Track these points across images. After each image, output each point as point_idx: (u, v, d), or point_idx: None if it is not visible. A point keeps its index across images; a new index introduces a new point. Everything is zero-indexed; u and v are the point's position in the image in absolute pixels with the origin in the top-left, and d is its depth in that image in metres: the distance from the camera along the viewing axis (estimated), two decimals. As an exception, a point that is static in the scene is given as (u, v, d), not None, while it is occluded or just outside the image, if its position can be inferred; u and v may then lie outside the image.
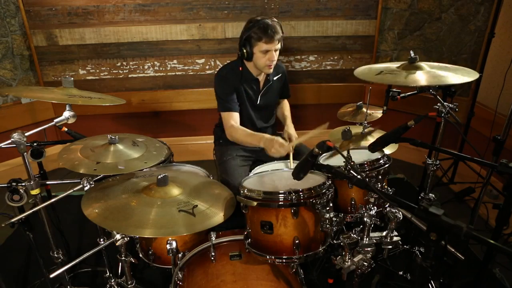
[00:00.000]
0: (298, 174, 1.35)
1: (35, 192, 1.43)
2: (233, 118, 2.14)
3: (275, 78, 2.29)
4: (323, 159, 1.93)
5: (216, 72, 2.22)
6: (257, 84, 2.22)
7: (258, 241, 1.46)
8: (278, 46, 2.04)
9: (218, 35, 3.24)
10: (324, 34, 3.34)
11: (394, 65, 1.86)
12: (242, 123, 2.22)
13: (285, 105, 2.52)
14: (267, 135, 1.99)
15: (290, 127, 2.31)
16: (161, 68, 3.33)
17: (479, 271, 1.70)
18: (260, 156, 2.35)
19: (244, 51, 2.03)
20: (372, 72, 1.82)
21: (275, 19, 2.03)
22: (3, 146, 1.37)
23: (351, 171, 1.21)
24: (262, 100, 2.26)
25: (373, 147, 1.65)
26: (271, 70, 2.12)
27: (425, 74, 1.66)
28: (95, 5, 3.04)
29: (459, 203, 2.84)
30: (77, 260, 1.30)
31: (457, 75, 1.63)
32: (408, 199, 1.02)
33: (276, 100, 2.39)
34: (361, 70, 1.87)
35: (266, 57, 2.03)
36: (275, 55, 2.05)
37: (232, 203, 1.49)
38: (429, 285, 1.78)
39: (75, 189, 1.38)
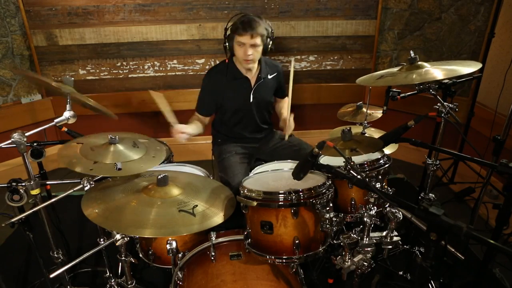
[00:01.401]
0: (298, 174, 1.35)
1: (35, 192, 1.43)
2: (198, 115, 2.31)
3: (269, 77, 2.29)
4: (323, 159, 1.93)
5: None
6: (247, 82, 2.22)
7: (258, 241, 1.46)
8: (256, 41, 2.00)
9: (218, 35, 3.24)
10: (324, 34, 3.34)
11: (394, 69, 1.86)
12: (238, 121, 2.27)
13: (285, 102, 2.52)
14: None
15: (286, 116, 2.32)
16: (161, 68, 3.33)
17: (479, 271, 1.70)
18: (259, 154, 2.36)
19: (227, 46, 2.09)
20: (373, 78, 1.82)
21: (260, 17, 2.06)
22: (3, 146, 1.36)
23: (351, 171, 1.21)
24: (255, 99, 2.25)
25: (373, 147, 1.65)
26: (249, 65, 2.13)
27: (440, 70, 1.63)
28: (95, 5, 3.04)
29: (459, 203, 2.84)
30: (77, 260, 1.30)
31: (465, 67, 1.62)
32: (408, 199, 1.02)
33: (270, 99, 2.38)
34: (363, 78, 1.87)
35: (242, 51, 2.04)
36: (250, 51, 2.02)
37: (232, 203, 1.49)
38: (429, 285, 1.78)
39: (75, 189, 1.38)
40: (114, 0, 3.04)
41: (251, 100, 2.24)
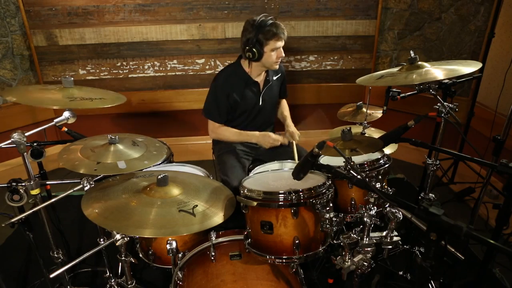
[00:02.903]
0: (298, 174, 1.35)
1: (35, 192, 1.43)
2: (218, 125, 2.25)
3: (274, 78, 2.31)
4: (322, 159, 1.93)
5: (214, 76, 2.25)
6: (256, 86, 2.24)
7: (258, 241, 1.46)
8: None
9: (218, 35, 3.24)
10: (324, 34, 3.34)
11: (394, 69, 1.85)
12: (243, 125, 2.28)
13: (284, 105, 2.54)
14: (257, 133, 2.20)
15: (290, 126, 2.34)
16: (161, 68, 3.33)
17: (479, 271, 1.70)
18: (259, 155, 2.36)
19: (255, 51, 2.05)
20: (373, 78, 1.82)
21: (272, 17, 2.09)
22: (3, 146, 1.36)
23: (351, 171, 1.21)
24: (264, 102, 2.27)
25: (373, 147, 1.65)
26: (278, 66, 2.18)
27: (440, 70, 1.62)
28: (95, 5, 3.04)
29: (459, 203, 2.84)
30: (77, 260, 1.30)
31: (465, 67, 1.61)
32: (408, 199, 1.02)
33: (276, 100, 2.41)
34: (363, 78, 1.87)
35: (276, 55, 2.10)
36: (282, 52, 2.13)
37: (232, 203, 1.49)
38: (429, 285, 1.78)
39: (75, 189, 1.38)
40: (114, 0, 3.04)
41: (260, 103, 2.26)
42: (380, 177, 1.73)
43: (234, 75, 2.20)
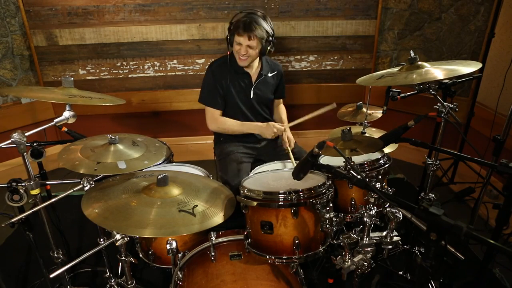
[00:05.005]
0: (298, 174, 1.35)
1: (35, 192, 1.43)
2: (218, 113, 2.26)
3: (269, 75, 2.32)
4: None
5: (209, 64, 2.28)
6: (248, 77, 2.24)
7: (258, 241, 1.46)
8: (252, 43, 2.05)
9: (218, 35, 3.24)
10: (324, 34, 3.34)
11: (394, 69, 1.85)
12: (239, 118, 2.28)
13: (282, 108, 2.55)
14: (260, 123, 2.22)
15: (288, 131, 2.30)
16: (161, 68, 3.33)
17: (479, 271, 1.70)
18: (261, 155, 2.36)
19: (228, 39, 2.13)
20: (373, 78, 1.82)
21: (265, 16, 2.09)
22: (3, 146, 1.36)
23: (351, 171, 1.21)
24: (256, 95, 2.27)
25: (373, 147, 1.65)
26: (243, 63, 2.15)
27: (440, 70, 1.62)
28: (95, 5, 3.04)
29: (459, 203, 2.84)
30: (77, 260, 1.30)
31: (465, 67, 1.61)
32: (408, 199, 1.02)
33: (270, 97, 2.39)
34: (363, 78, 1.86)
35: (238, 49, 2.10)
36: (244, 50, 2.07)
37: (232, 203, 1.49)
38: (429, 285, 1.78)
39: (75, 189, 1.38)
40: (114, 0, 3.04)
41: (252, 96, 2.25)
42: (380, 177, 1.73)
43: (227, 63, 2.22)
